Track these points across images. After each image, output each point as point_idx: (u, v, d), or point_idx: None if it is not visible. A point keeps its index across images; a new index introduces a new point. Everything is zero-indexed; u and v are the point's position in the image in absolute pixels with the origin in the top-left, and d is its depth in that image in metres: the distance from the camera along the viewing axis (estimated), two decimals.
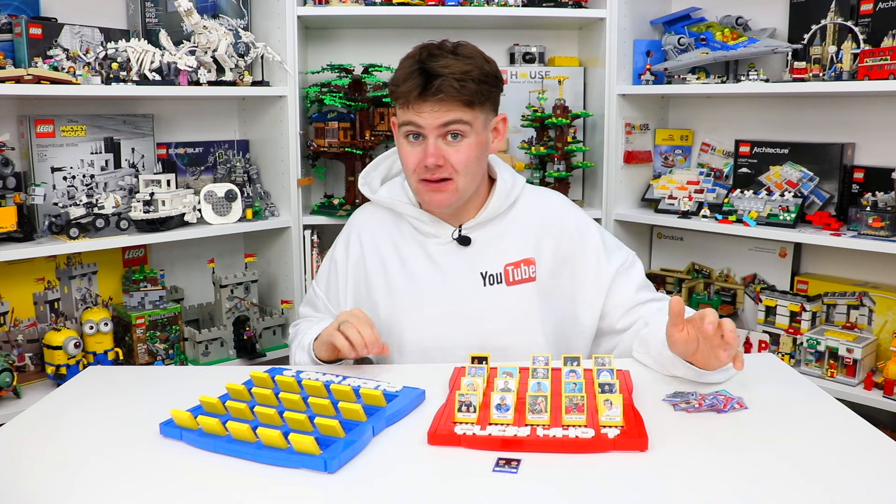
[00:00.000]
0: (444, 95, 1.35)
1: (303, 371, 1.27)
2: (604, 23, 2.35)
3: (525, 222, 1.52)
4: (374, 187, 1.59)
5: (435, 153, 1.38)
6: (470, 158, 1.41)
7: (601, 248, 1.53)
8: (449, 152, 1.39)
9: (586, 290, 1.51)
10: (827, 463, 0.99)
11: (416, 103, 1.37)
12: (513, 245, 1.50)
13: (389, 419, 1.10)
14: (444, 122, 1.37)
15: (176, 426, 1.07)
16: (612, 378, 1.17)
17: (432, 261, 1.50)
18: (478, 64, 1.40)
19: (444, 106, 1.37)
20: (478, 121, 1.41)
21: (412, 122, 1.39)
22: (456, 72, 1.36)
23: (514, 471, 0.96)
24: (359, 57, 2.43)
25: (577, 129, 2.53)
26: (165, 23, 2.20)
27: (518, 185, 1.54)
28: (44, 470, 1.00)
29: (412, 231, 1.53)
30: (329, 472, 0.96)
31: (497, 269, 1.48)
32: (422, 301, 1.49)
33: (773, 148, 2.30)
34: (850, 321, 2.16)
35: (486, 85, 1.41)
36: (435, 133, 1.38)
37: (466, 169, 1.41)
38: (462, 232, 1.49)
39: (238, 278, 2.28)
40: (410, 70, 1.37)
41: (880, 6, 2.01)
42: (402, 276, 1.51)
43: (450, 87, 1.35)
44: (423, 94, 1.36)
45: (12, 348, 2.01)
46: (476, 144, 1.41)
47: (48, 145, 2.04)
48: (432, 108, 1.37)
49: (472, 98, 1.38)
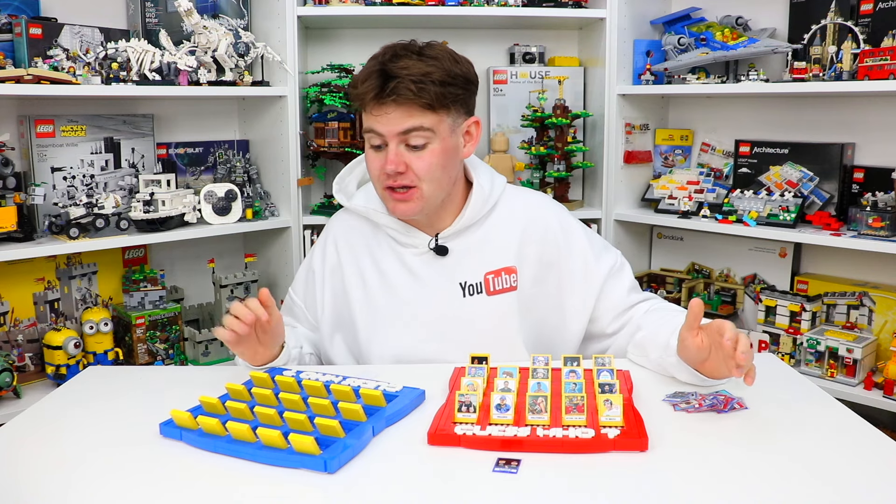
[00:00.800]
0: (400, 98, 1.28)
1: (302, 371, 1.27)
2: (604, 23, 2.35)
3: (506, 228, 1.46)
4: (349, 192, 1.52)
5: (395, 160, 1.31)
6: (433, 165, 1.33)
7: (588, 249, 1.47)
8: (411, 159, 1.32)
9: (574, 294, 1.47)
10: (827, 463, 0.99)
11: (372, 106, 1.31)
12: (493, 253, 1.44)
13: (389, 419, 1.10)
14: (404, 130, 1.30)
15: (176, 426, 1.07)
16: (612, 378, 1.17)
17: (410, 272, 1.44)
18: (443, 65, 1.31)
19: (403, 111, 1.29)
20: (443, 125, 1.33)
21: (372, 129, 1.32)
22: (415, 73, 1.28)
23: (514, 471, 0.96)
24: (359, 57, 2.43)
25: (577, 129, 2.53)
26: (165, 23, 2.20)
27: (497, 187, 1.47)
28: (43, 470, 1.00)
29: (389, 240, 1.46)
30: (329, 472, 0.96)
31: (477, 279, 1.43)
32: (400, 314, 1.43)
33: (773, 148, 2.30)
34: (850, 321, 2.16)
35: (453, 87, 1.32)
36: (395, 140, 1.31)
37: (430, 176, 1.33)
38: (439, 241, 1.43)
39: (238, 278, 2.28)
40: (370, 71, 1.31)
41: (880, 6, 2.01)
42: (380, 287, 1.45)
43: (406, 90, 1.27)
44: (379, 97, 1.29)
45: (12, 348, 2.01)
46: (441, 151, 1.33)
47: (48, 145, 2.04)
48: (388, 113, 1.29)
49: (432, 102, 1.29)
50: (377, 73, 1.29)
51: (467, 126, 1.40)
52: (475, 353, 1.26)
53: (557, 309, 1.47)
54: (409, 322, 1.43)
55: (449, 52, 1.36)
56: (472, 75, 1.38)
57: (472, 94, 1.40)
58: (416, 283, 1.44)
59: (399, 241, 1.45)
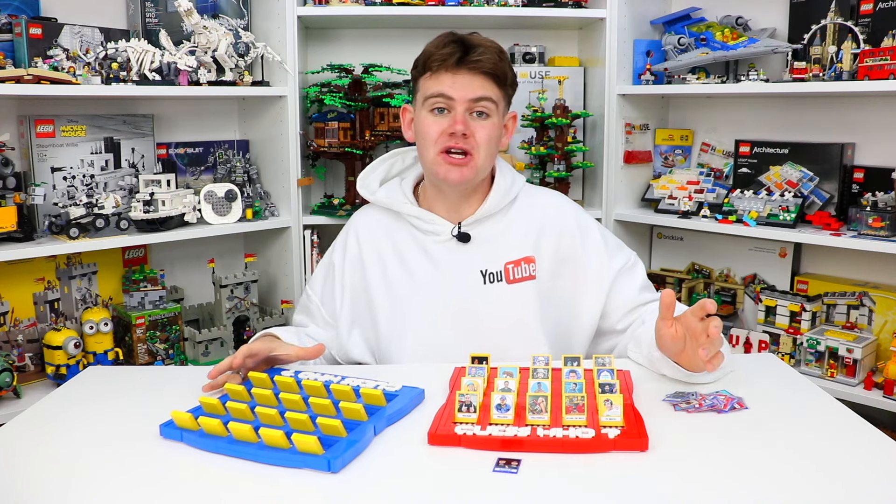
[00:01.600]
0: (482, 65, 1.37)
1: (301, 371, 1.27)
2: (604, 23, 2.35)
3: (525, 220, 1.51)
4: (372, 189, 1.57)
5: (464, 121, 1.39)
6: (491, 137, 1.42)
7: (602, 247, 1.52)
8: (475, 127, 1.41)
9: (587, 290, 1.50)
10: (827, 463, 0.99)
11: (452, 70, 1.38)
12: (513, 243, 1.49)
13: (390, 419, 1.10)
14: (476, 97, 1.40)
15: (176, 427, 1.07)
16: (612, 378, 1.17)
17: (432, 259, 1.49)
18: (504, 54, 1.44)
19: (479, 79, 1.39)
20: (502, 104, 1.44)
21: (443, 93, 1.40)
22: (492, 48, 1.40)
23: (514, 471, 0.96)
24: (359, 57, 2.43)
25: (577, 129, 2.53)
26: (165, 23, 2.20)
27: (517, 183, 1.54)
28: (43, 470, 1.00)
29: (411, 231, 1.52)
30: (332, 471, 0.95)
31: (497, 268, 1.47)
32: (421, 301, 1.47)
33: (773, 148, 2.30)
34: (850, 321, 2.16)
35: (512, 74, 1.45)
36: (465, 105, 1.40)
37: (487, 146, 1.42)
38: (462, 228, 1.48)
39: (238, 278, 2.28)
40: (447, 40, 1.40)
41: (880, 6, 2.01)
42: (402, 276, 1.50)
43: (489, 59, 1.38)
44: (463, 60, 1.38)
45: (12, 348, 2.01)
46: (497, 126, 1.44)
47: (48, 145, 2.04)
48: (466, 79, 1.39)
49: (504, 76, 1.41)
50: (455, 42, 1.39)
51: (508, 118, 1.52)
52: (475, 354, 1.26)
53: (571, 303, 1.51)
54: (430, 308, 1.46)
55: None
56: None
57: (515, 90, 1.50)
58: (436, 271, 1.48)
59: (421, 229, 1.50)
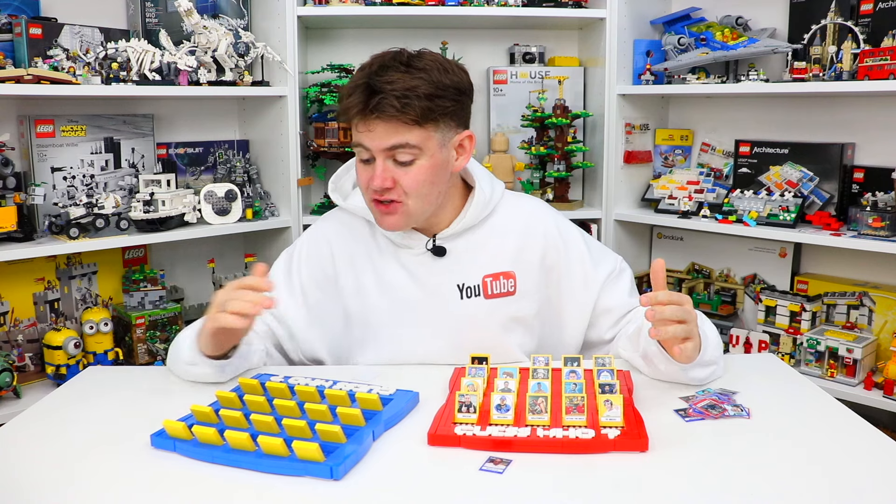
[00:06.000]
0: (384, 115, 1.24)
1: (291, 377, 1.24)
2: (604, 23, 2.35)
3: (505, 231, 1.44)
4: (345, 192, 1.49)
5: (382, 176, 1.27)
6: (420, 182, 1.29)
7: (586, 254, 1.46)
8: (399, 174, 1.28)
9: (572, 300, 1.45)
10: (827, 463, 0.99)
11: (362, 119, 1.27)
12: (491, 256, 1.42)
13: (387, 423, 1.09)
14: (389, 146, 1.26)
15: (168, 437, 1.04)
16: (612, 378, 1.17)
17: (408, 272, 1.41)
18: (431, 77, 1.26)
19: (388, 127, 1.25)
20: (431, 141, 1.28)
21: (361, 143, 1.29)
22: (399, 89, 1.23)
23: (500, 471, 0.96)
24: (359, 57, 2.41)
25: (577, 129, 2.53)
26: (165, 23, 2.20)
27: (497, 192, 1.45)
28: (43, 470, 1.00)
29: (385, 241, 1.43)
30: (335, 478, 0.94)
31: (475, 281, 1.40)
32: (397, 315, 1.41)
33: (773, 148, 2.30)
34: (850, 321, 2.16)
35: (441, 100, 1.27)
36: (382, 155, 1.28)
37: (417, 192, 1.30)
38: (437, 242, 1.40)
39: (238, 278, 2.28)
40: (355, 84, 1.27)
41: (880, 6, 2.01)
42: (376, 287, 1.42)
43: (389, 107, 1.23)
44: (363, 112, 1.25)
45: (12, 348, 2.01)
46: (430, 167, 1.29)
47: (48, 145, 2.04)
48: (373, 129, 1.26)
49: (417, 118, 1.25)
50: (362, 87, 1.26)
51: (460, 140, 1.35)
52: (475, 354, 1.26)
53: (556, 314, 1.46)
54: (407, 324, 1.41)
55: (440, 61, 1.31)
56: (464, 85, 1.33)
57: (465, 105, 1.35)
58: (413, 284, 1.41)
59: (396, 241, 1.42)
